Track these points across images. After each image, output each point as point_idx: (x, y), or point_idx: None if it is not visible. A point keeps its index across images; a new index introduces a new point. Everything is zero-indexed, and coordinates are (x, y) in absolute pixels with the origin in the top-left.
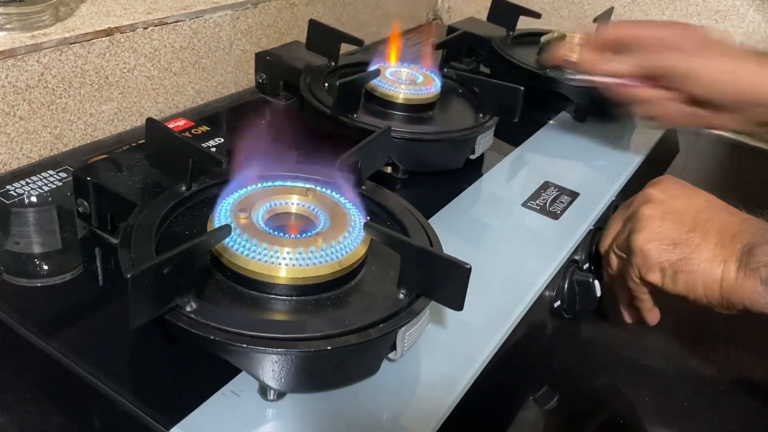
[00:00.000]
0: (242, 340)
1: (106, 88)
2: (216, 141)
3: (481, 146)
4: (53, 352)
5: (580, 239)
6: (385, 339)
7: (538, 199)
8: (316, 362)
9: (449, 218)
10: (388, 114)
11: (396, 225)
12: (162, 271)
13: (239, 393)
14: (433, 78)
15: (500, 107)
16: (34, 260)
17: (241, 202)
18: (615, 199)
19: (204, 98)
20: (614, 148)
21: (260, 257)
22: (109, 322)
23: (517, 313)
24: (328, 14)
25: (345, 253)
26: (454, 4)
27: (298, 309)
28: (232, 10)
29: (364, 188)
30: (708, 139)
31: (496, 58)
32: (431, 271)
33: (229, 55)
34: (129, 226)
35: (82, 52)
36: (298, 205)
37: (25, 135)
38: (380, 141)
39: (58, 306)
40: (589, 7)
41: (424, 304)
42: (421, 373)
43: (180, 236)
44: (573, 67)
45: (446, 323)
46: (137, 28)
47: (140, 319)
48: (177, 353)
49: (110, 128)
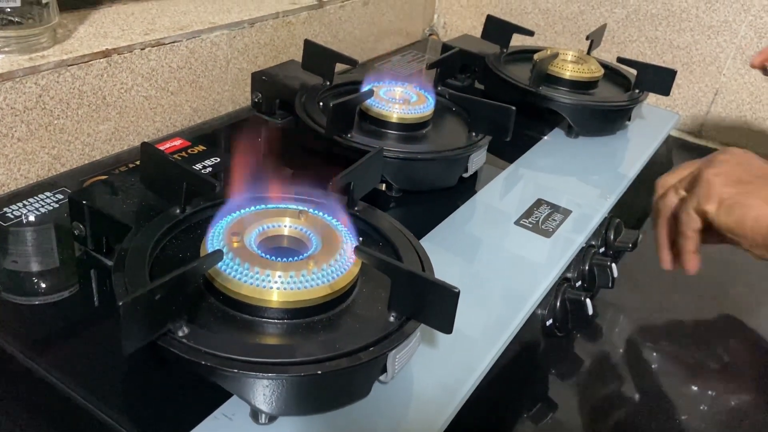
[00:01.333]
0: (233, 365)
1: (103, 109)
2: (212, 161)
3: (474, 164)
4: (45, 372)
5: (572, 257)
6: (376, 362)
7: (530, 217)
8: (307, 386)
9: (443, 236)
10: (382, 133)
11: (388, 246)
12: (154, 297)
13: (231, 416)
14: (427, 97)
15: (492, 127)
16: (31, 279)
17: (233, 225)
18: (607, 217)
19: (201, 117)
20: (607, 165)
21: (252, 281)
22: (103, 344)
23: (510, 332)
24: (325, 32)
25: (336, 276)
26: (450, 20)
27: (290, 332)
28: (228, 29)
29: (356, 209)
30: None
31: (490, 75)
32: (421, 294)
33: (226, 74)
34: (123, 250)
35: (80, 73)
36: (291, 227)
37: (23, 156)
38: (372, 162)
39: (53, 325)
40: (583, 23)
41: (414, 326)
42: (413, 393)
43: (174, 259)
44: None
45: (438, 342)
46: (134, 49)
47: (133, 345)
48: (170, 376)
49: (108, 148)
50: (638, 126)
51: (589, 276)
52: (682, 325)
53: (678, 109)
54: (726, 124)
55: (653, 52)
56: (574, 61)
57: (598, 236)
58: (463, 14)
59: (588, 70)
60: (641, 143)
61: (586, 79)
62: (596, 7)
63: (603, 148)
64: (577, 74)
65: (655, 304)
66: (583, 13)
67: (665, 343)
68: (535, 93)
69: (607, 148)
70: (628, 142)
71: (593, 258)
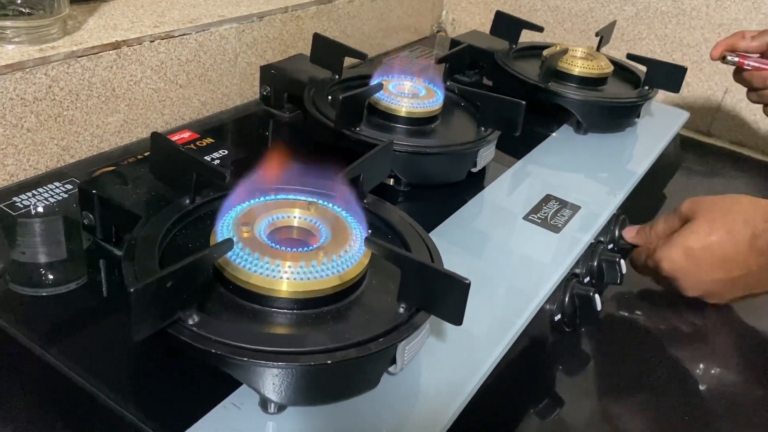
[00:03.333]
0: (243, 353)
1: (112, 101)
2: (220, 153)
3: (483, 159)
4: (56, 362)
5: (581, 253)
6: (385, 353)
7: (539, 213)
8: (317, 376)
9: (451, 231)
10: (391, 127)
11: (397, 239)
12: (165, 285)
13: (240, 406)
14: (436, 91)
15: (501, 121)
16: (39, 270)
17: (243, 215)
18: (616, 213)
19: (209, 110)
20: (616, 162)
21: (262, 271)
22: (112, 334)
23: (518, 327)
24: (333, 27)
25: (346, 267)
26: (459, 16)
27: (299, 322)
28: (237, 23)
29: (366, 202)
30: (710, 151)
31: (499, 71)
32: (431, 285)
33: (235, 67)
34: (133, 239)
35: (90, 65)
36: (300, 218)
37: (33, 147)
38: (382, 155)
39: (62, 316)
40: (592, 20)
41: (423, 318)
42: (421, 385)
43: (184, 249)
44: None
45: (447, 336)
46: (144, 41)
47: (142, 332)
48: (179, 365)
49: (116, 140)
50: (647, 123)
51: (598, 272)
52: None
53: (687, 107)
54: (735, 122)
55: (663, 50)
56: (584, 57)
57: (607, 233)
58: (472, 10)
59: (597, 66)
60: (650, 140)
61: (595, 75)
62: (605, 4)
63: (612, 145)
64: (586, 71)
65: (663, 299)
66: (592, 10)
67: (674, 338)
68: (544, 89)
69: (616, 144)
70: (637, 139)
71: (602, 254)
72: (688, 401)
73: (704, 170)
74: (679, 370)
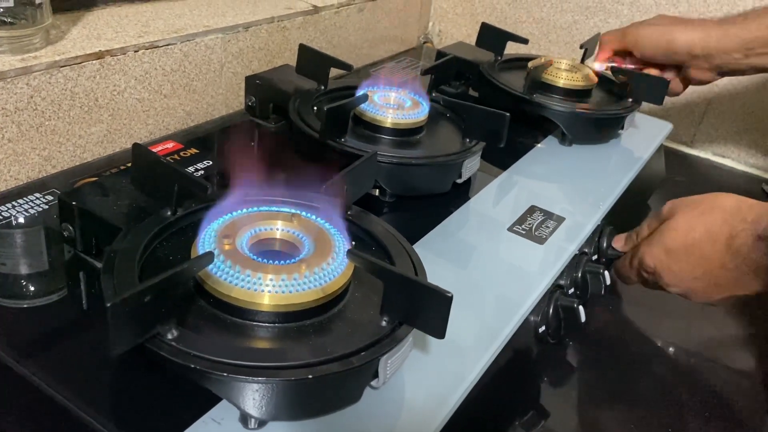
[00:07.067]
0: (223, 368)
1: (95, 111)
2: (204, 164)
3: (468, 170)
4: (34, 378)
5: (565, 264)
6: (367, 367)
7: (524, 224)
8: (298, 391)
9: (436, 242)
10: (376, 138)
11: (381, 251)
12: (143, 299)
13: (220, 421)
14: (421, 102)
15: (486, 133)
16: (20, 281)
17: (225, 227)
18: (600, 224)
19: (194, 120)
20: (600, 173)
21: (243, 284)
22: (91, 347)
23: (502, 338)
24: (320, 37)
25: (328, 279)
26: (445, 28)
27: (281, 336)
28: (223, 33)
29: (350, 213)
30: (693, 162)
31: (485, 83)
32: (413, 298)
33: (220, 77)
34: (113, 252)
35: (72, 74)
36: (283, 230)
37: (14, 157)
38: (366, 166)
39: (41, 328)
40: (576, 32)
41: (406, 331)
42: (405, 398)
43: (164, 261)
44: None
45: (430, 348)
46: (128, 51)
47: (120, 347)
48: (158, 380)
49: (99, 150)
50: (631, 135)
51: (582, 283)
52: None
53: (671, 119)
54: (718, 134)
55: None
56: (568, 69)
57: (591, 244)
58: (458, 22)
59: (582, 78)
60: (634, 152)
61: (580, 87)
62: (590, 17)
63: (596, 156)
64: (571, 82)
65: (647, 310)
66: (576, 22)
67: (658, 350)
68: (529, 100)
69: (601, 156)
70: (621, 150)
71: (586, 265)
72: (671, 412)
73: (687, 181)
74: (662, 381)
